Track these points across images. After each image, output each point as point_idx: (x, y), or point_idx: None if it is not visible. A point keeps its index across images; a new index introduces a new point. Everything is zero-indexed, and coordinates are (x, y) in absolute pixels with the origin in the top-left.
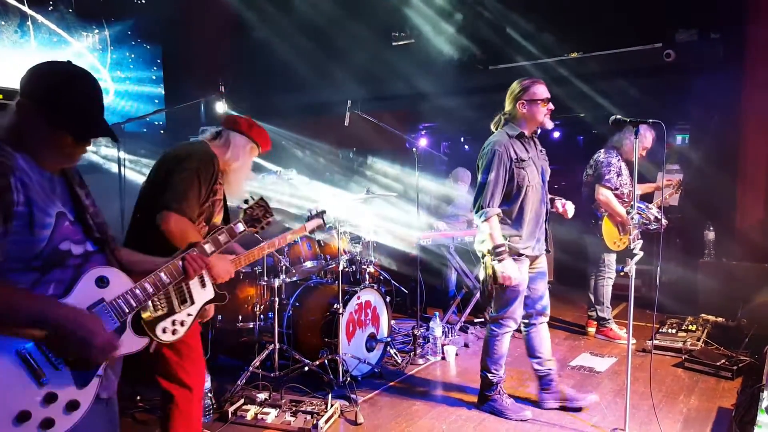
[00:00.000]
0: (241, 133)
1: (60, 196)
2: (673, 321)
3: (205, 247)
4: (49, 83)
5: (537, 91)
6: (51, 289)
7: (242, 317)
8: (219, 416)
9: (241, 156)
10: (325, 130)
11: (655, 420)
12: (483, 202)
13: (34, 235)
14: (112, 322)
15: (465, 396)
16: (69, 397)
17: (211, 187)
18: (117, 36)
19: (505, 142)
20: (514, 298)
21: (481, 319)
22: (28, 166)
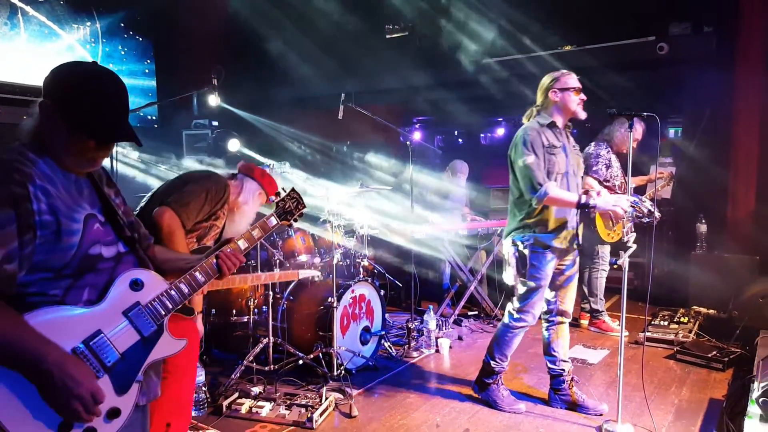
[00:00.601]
0: (253, 179)
1: (87, 197)
2: (665, 313)
3: (239, 243)
4: (72, 85)
5: (569, 80)
6: (85, 294)
7: (236, 311)
8: (213, 410)
9: (250, 200)
10: (319, 123)
11: (647, 411)
12: (534, 183)
13: (62, 243)
14: (149, 326)
15: (459, 388)
16: (110, 404)
17: (214, 210)
18: (108, 28)
19: (537, 128)
20: (534, 292)
21: (475, 312)
22: (51, 170)
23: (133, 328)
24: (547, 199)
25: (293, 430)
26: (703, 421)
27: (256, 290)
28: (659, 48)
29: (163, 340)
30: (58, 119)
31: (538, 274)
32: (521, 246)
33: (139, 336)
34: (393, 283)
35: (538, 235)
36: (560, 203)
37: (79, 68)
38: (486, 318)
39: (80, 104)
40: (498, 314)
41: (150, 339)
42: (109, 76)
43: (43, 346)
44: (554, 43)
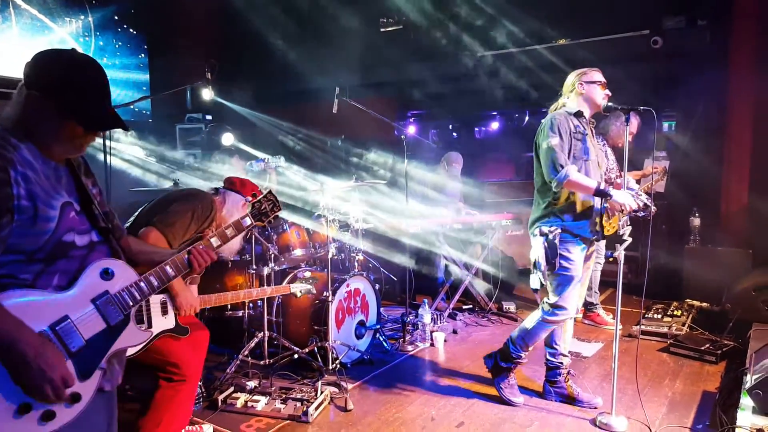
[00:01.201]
0: (236, 192)
1: (66, 186)
2: (659, 306)
3: (212, 240)
4: (57, 72)
5: (595, 74)
6: (56, 279)
7: (231, 306)
8: (209, 404)
9: (236, 213)
10: (313, 117)
11: (641, 403)
12: (556, 164)
13: (37, 228)
14: (116, 315)
15: (454, 381)
16: (71, 389)
17: (201, 228)
18: (101, 22)
19: (564, 114)
20: (567, 283)
21: (470, 306)
22: (32, 156)
23: (100, 315)
24: (567, 182)
25: (289, 424)
26: (696, 414)
27: (250, 285)
28: (653, 42)
29: (129, 330)
30: (44, 107)
31: (569, 263)
32: (549, 235)
33: (105, 324)
34: (388, 277)
35: (565, 222)
36: (580, 188)
37: (62, 56)
38: (480, 312)
39: (67, 92)
40: (492, 308)
41: (116, 328)
42: (93, 64)
43: (18, 328)
44: (549, 36)
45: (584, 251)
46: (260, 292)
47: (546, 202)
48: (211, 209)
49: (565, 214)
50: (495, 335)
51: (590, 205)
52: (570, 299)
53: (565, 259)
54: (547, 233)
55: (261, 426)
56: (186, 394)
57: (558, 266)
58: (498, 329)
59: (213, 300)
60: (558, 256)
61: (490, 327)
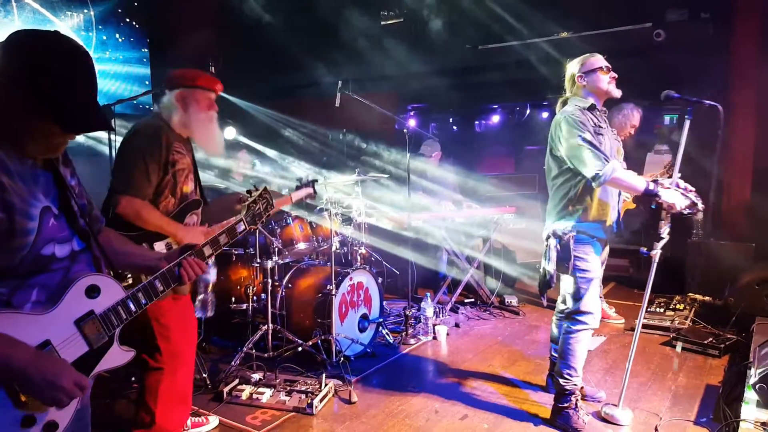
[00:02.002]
0: (178, 88)
1: (43, 186)
2: (661, 300)
3: (204, 249)
4: (33, 60)
5: (593, 60)
6: (34, 294)
7: (235, 299)
8: (214, 396)
9: (190, 109)
10: (315, 111)
11: (645, 396)
12: (600, 159)
13: (13, 243)
14: (100, 338)
15: (457, 374)
16: (48, 418)
17: (164, 160)
18: (102, 15)
19: (580, 108)
20: (586, 288)
21: (472, 300)
22: (6, 155)
23: (83, 338)
24: (612, 179)
25: (294, 416)
26: (699, 407)
27: (254, 278)
28: (656, 35)
29: (112, 352)
30: (17, 101)
31: (586, 266)
32: (564, 238)
33: (87, 347)
34: (390, 271)
35: (581, 223)
36: (625, 187)
37: (42, 41)
38: (482, 305)
39: (48, 86)
40: (494, 301)
41: (99, 351)
42: (79, 51)
43: (9, 345)
44: (551, 29)
45: (601, 251)
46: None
47: (563, 203)
48: (159, 135)
49: (581, 215)
50: (497, 329)
51: (609, 206)
52: (592, 302)
53: (581, 261)
54: (561, 235)
55: (266, 418)
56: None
57: (576, 270)
58: (500, 323)
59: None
60: (572, 258)
61: (492, 320)
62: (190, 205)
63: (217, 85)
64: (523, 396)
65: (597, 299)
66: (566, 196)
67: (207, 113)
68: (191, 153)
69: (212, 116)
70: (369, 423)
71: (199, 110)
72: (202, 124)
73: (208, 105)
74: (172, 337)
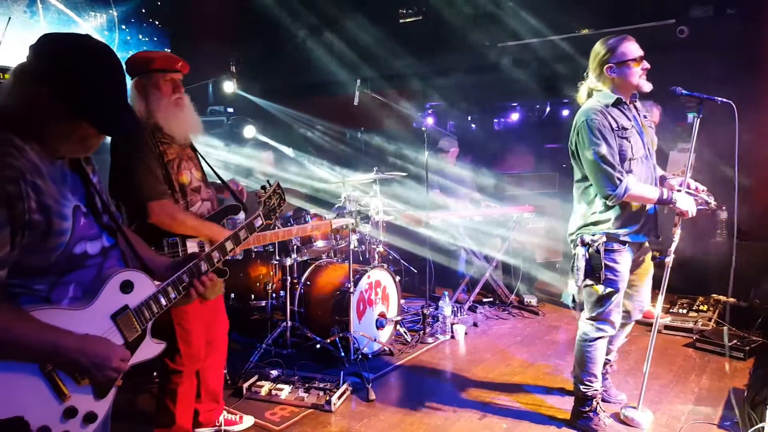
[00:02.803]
0: (134, 77)
1: (71, 184)
2: (684, 301)
3: (225, 244)
4: (70, 64)
5: (626, 49)
6: (71, 290)
7: (254, 295)
8: (234, 392)
9: (150, 96)
10: (333, 109)
11: (666, 399)
12: (613, 179)
13: (49, 243)
14: (133, 330)
15: (475, 374)
16: (87, 409)
17: (155, 154)
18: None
19: (600, 110)
20: (611, 297)
21: (490, 299)
22: (39, 158)
23: (118, 332)
24: (627, 196)
25: (312, 412)
26: (723, 410)
27: (273, 275)
28: (679, 31)
29: (145, 344)
30: (51, 102)
31: (614, 276)
32: (592, 246)
33: (123, 340)
34: (408, 269)
35: (612, 231)
36: (640, 200)
37: (76, 45)
38: (501, 305)
39: (82, 88)
40: (513, 301)
41: (133, 343)
42: (108, 53)
43: (55, 333)
44: (571, 26)
45: (631, 259)
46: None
47: (592, 208)
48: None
49: (611, 219)
50: (516, 329)
51: (642, 211)
52: (613, 314)
53: (611, 271)
54: (590, 243)
55: (285, 414)
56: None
57: (603, 279)
58: (519, 323)
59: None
60: (603, 267)
61: (511, 320)
62: (228, 210)
63: (178, 63)
64: (542, 397)
65: (619, 308)
66: (593, 201)
67: (170, 98)
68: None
69: (178, 100)
70: (387, 421)
71: (161, 96)
72: (167, 110)
73: (171, 88)
74: (192, 341)
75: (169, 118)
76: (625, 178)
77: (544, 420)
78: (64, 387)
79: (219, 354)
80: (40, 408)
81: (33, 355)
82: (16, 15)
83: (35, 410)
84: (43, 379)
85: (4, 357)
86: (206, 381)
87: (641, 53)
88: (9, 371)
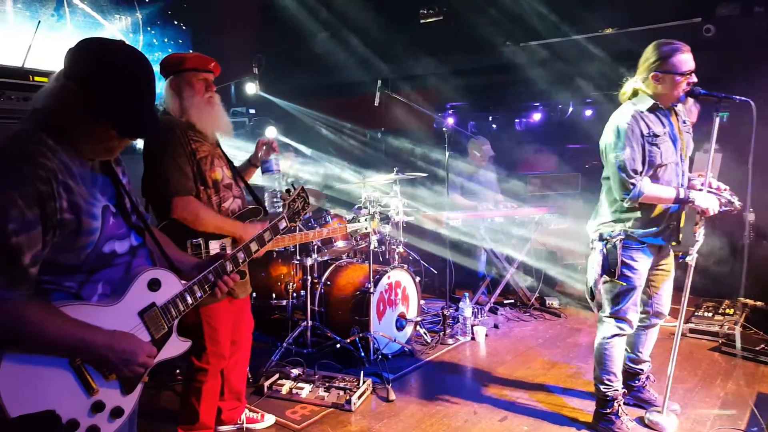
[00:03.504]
0: (168, 77)
1: (101, 185)
2: (709, 304)
3: (250, 245)
4: (100, 66)
5: (677, 61)
6: (100, 288)
7: (275, 295)
8: (255, 390)
9: (184, 94)
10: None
11: (691, 403)
12: (626, 182)
13: (79, 242)
14: (160, 328)
15: (496, 375)
16: (114, 404)
17: (188, 151)
18: (150, 18)
19: (634, 115)
20: (628, 295)
21: (511, 301)
22: (70, 159)
23: (145, 329)
24: (643, 198)
25: (332, 411)
26: (750, 416)
27: (294, 275)
28: (706, 30)
29: (171, 342)
30: (81, 103)
31: (631, 273)
32: (610, 241)
33: (150, 337)
34: (428, 270)
35: (631, 228)
36: (657, 201)
37: (109, 49)
38: (522, 307)
39: (113, 94)
40: (535, 303)
41: (160, 340)
42: (142, 60)
43: (85, 330)
44: (594, 25)
45: (650, 259)
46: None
47: (615, 207)
48: (171, 131)
49: (633, 219)
50: (537, 331)
51: (664, 213)
52: (630, 311)
53: (628, 268)
54: (608, 239)
55: (305, 413)
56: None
57: (620, 276)
58: (540, 325)
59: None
60: (620, 264)
61: (533, 322)
62: (249, 212)
63: (210, 63)
64: (564, 400)
65: (636, 307)
66: (616, 200)
67: (203, 96)
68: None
69: (210, 98)
70: (407, 421)
71: (194, 94)
72: (200, 107)
73: (204, 87)
74: (220, 339)
75: (203, 116)
76: (638, 183)
77: (565, 422)
78: (93, 381)
79: (243, 353)
80: (69, 401)
81: (63, 350)
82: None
83: (64, 403)
84: (72, 373)
85: (36, 352)
86: (230, 380)
87: (691, 67)
88: (40, 365)
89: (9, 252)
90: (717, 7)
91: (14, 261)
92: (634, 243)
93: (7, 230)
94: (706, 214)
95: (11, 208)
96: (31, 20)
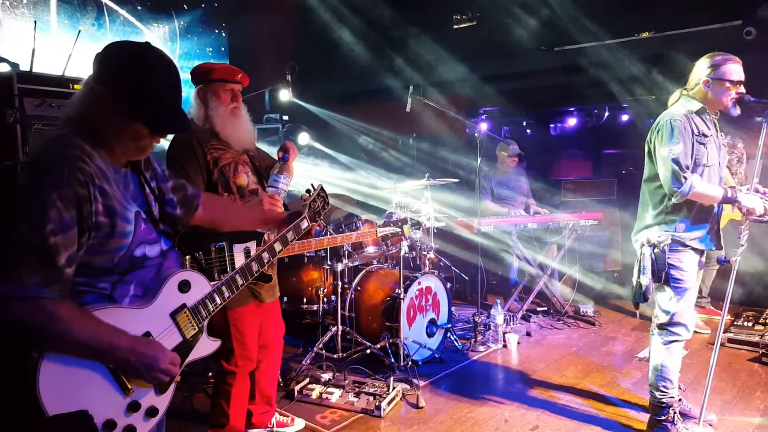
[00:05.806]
0: (197, 85)
1: (132, 191)
2: (749, 314)
3: (274, 246)
4: (127, 66)
5: (728, 70)
6: (132, 289)
7: (306, 299)
8: (285, 394)
9: (210, 103)
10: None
11: (729, 415)
12: (679, 176)
13: (112, 245)
14: (191, 328)
15: (528, 384)
16: (149, 403)
17: (202, 161)
18: (187, 26)
19: (685, 114)
20: (679, 298)
21: (544, 308)
22: (105, 164)
23: (177, 329)
24: (692, 194)
25: (362, 417)
26: None
27: (325, 280)
28: (746, 33)
29: (202, 342)
30: (111, 105)
31: (681, 274)
32: (658, 246)
33: (181, 338)
34: (459, 276)
35: (678, 232)
36: (705, 198)
37: (135, 51)
38: (556, 314)
39: (143, 92)
40: (568, 310)
41: (190, 341)
42: (167, 60)
43: (111, 336)
44: (630, 29)
45: (697, 261)
46: (345, 237)
47: (660, 208)
48: (186, 142)
49: (678, 222)
50: (571, 339)
51: (709, 215)
52: (685, 315)
53: (676, 270)
54: (656, 243)
55: (335, 418)
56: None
57: (670, 280)
58: (575, 333)
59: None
60: (667, 267)
61: (566, 330)
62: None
63: (238, 75)
64: (599, 408)
65: (691, 310)
66: (662, 202)
67: (228, 106)
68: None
69: (234, 109)
70: (436, 428)
71: (220, 104)
72: (223, 117)
73: (230, 97)
74: (247, 342)
75: (226, 125)
76: (690, 177)
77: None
78: (128, 381)
79: (274, 357)
80: (106, 401)
81: (88, 351)
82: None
83: (102, 403)
84: (108, 373)
85: (62, 351)
86: (260, 383)
87: (742, 78)
88: (77, 365)
89: (46, 252)
90: (758, 9)
91: (50, 261)
92: (680, 246)
93: (45, 231)
94: (752, 214)
95: (51, 210)
96: (71, 29)
